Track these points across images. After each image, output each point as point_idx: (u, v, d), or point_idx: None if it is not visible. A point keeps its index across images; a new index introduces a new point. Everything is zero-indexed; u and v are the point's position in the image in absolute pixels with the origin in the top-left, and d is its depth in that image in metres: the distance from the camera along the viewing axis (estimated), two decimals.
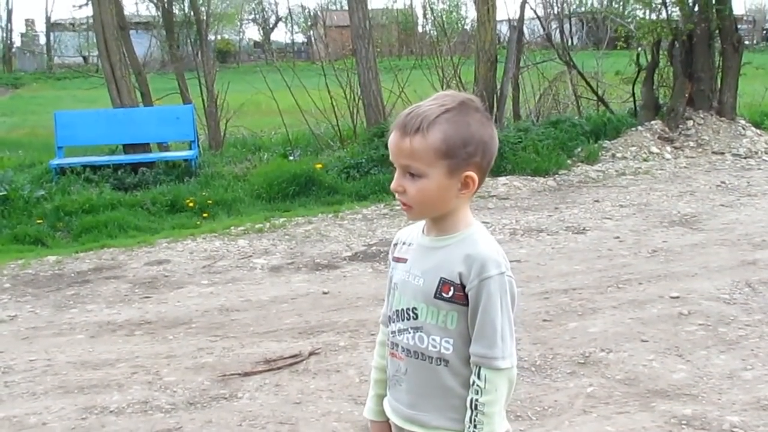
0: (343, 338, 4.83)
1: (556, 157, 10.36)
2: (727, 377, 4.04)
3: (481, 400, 1.81)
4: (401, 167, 1.84)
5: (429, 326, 1.87)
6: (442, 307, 1.85)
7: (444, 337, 1.86)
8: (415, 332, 1.89)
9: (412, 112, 1.83)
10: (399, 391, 1.95)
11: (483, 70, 11.30)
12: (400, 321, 1.93)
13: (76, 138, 10.91)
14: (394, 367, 1.96)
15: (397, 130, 1.84)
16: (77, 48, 46.52)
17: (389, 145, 1.86)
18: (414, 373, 1.91)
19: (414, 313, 1.89)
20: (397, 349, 1.94)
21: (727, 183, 9.22)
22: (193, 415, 3.91)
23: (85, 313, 5.60)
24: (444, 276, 1.85)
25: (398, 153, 1.83)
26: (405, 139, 1.81)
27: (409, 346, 1.91)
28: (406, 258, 1.95)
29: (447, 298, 1.84)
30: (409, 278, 1.91)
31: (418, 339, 1.89)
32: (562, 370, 4.22)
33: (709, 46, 11.71)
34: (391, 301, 1.99)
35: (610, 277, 5.83)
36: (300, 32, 54.27)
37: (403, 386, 1.94)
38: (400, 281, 1.94)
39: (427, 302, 1.87)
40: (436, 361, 1.87)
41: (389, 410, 2.01)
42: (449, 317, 1.85)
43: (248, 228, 7.85)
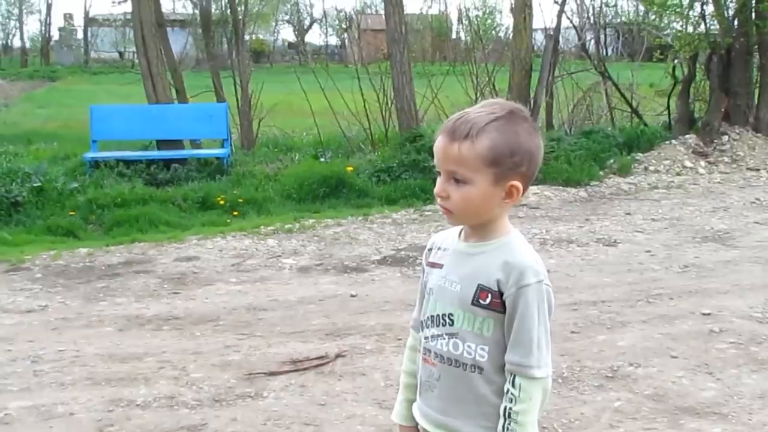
0: (370, 342, 4.83)
1: (588, 167, 10.29)
2: (758, 397, 3.98)
3: (515, 409, 1.80)
4: (446, 172, 1.83)
5: (465, 333, 1.86)
6: (479, 314, 1.84)
7: (479, 344, 1.85)
8: (450, 338, 1.88)
9: (462, 118, 1.81)
10: (431, 396, 1.94)
11: (517, 78, 11.25)
12: (435, 327, 1.92)
13: (111, 132, 11.03)
14: (427, 372, 1.95)
15: (444, 135, 1.82)
16: (114, 43, 47.07)
17: (435, 149, 1.85)
18: (447, 380, 1.90)
19: (450, 319, 1.88)
20: (430, 355, 1.93)
21: (761, 200, 9.10)
22: (218, 412, 3.92)
23: (114, 306, 5.64)
24: (482, 282, 1.84)
25: (445, 158, 1.82)
26: (453, 144, 1.80)
27: (443, 352, 1.89)
28: (441, 263, 1.94)
29: (484, 305, 1.83)
30: (446, 284, 1.90)
31: (453, 345, 1.88)
32: (589, 383, 4.18)
33: (746, 61, 11.60)
34: (425, 307, 1.97)
35: (640, 290, 5.77)
36: (334, 34, 54.44)
37: (435, 392, 1.92)
38: (436, 287, 1.93)
39: (464, 308, 1.86)
40: (471, 368, 1.86)
41: (419, 415, 1.99)
42: (485, 324, 1.84)
43: (278, 228, 7.88)
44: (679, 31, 13.15)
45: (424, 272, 2.02)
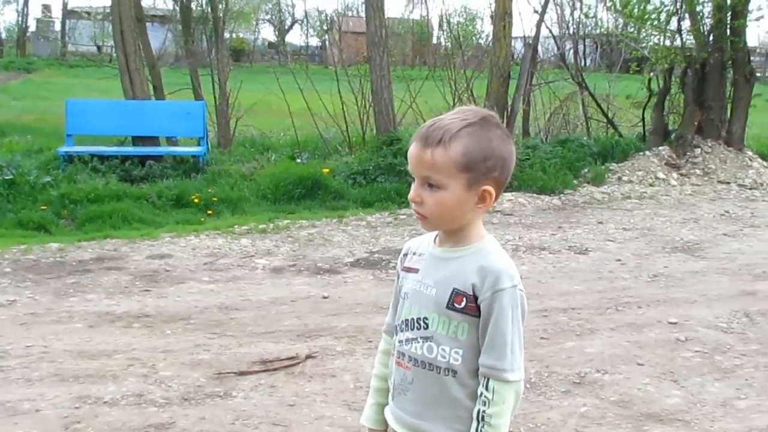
0: (341, 343, 4.84)
1: (562, 176, 10.38)
2: (720, 405, 4.05)
3: (489, 412, 1.82)
4: (420, 178, 1.85)
5: (439, 336, 1.88)
6: (454, 318, 1.86)
7: (454, 348, 1.87)
8: (425, 342, 1.90)
9: (435, 124, 1.84)
10: (404, 400, 1.96)
11: (495, 86, 11.33)
12: (409, 330, 1.93)
13: (86, 127, 10.96)
14: (400, 375, 1.96)
15: (418, 141, 1.84)
16: (92, 37, 46.66)
17: (409, 155, 1.87)
18: (421, 383, 1.91)
19: (425, 322, 1.90)
20: (404, 359, 1.95)
21: (731, 212, 9.24)
22: (187, 410, 3.92)
23: (85, 303, 5.61)
24: (457, 287, 1.86)
25: (418, 164, 1.84)
26: (426, 150, 1.82)
27: (417, 356, 1.91)
28: (417, 268, 1.96)
29: (459, 308, 1.85)
30: (421, 288, 1.92)
31: (427, 349, 1.89)
32: (556, 389, 4.23)
33: (721, 75, 11.76)
34: (399, 311, 1.99)
35: (609, 299, 5.84)
36: (315, 36, 54.37)
37: (409, 395, 1.94)
38: (411, 291, 1.95)
39: (439, 312, 1.88)
40: (444, 371, 1.88)
41: (392, 419, 2.01)
42: (460, 328, 1.86)
43: (252, 228, 7.87)
44: (656, 44, 13.30)
45: (399, 277, 2.03)
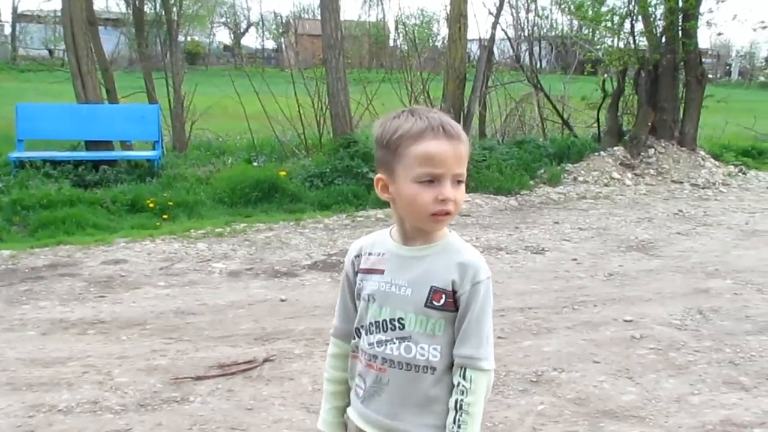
0: (299, 346, 4.82)
1: (519, 177, 10.47)
2: (674, 401, 4.11)
3: (467, 401, 1.84)
4: (453, 176, 1.83)
5: (417, 335, 1.87)
6: (432, 316, 1.86)
7: (432, 345, 1.87)
8: (402, 342, 1.88)
9: (446, 120, 1.83)
10: (378, 401, 1.93)
11: (451, 87, 11.39)
12: (382, 332, 1.91)
13: (38, 131, 10.76)
14: (372, 378, 1.94)
15: (449, 139, 1.81)
16: (43, 41, 45.93)
17: (438, 154, 1.81)
18: (397, 383, 1.90)
19: (400, 323, 1.88)
20: (376, 361, 1.92)
21: (684, 212, 9.39)
22: (143, 417, 3.87)
23: (38, 310, 5.52)
24: (435, 284, 1.86)
25: (455, 161, 1.82)
26: (459, 146, 1.82)
27: (393, 357, 1.89)
28: (381, 269, 1.93)
29: (438, 306, 1.86)
30: (392, 289, 1.90)
31: (405, 349, 1.88)
32: (514, 387, 4.26)
33: (673, 77, 11.96)
34: (363, 313, 1.96)
35: (566, 298, 5.89)
36: (271, 38, 54.17)
37: (384, 396, 1.92)
38: (380, 292, 1.92)
39: (417, 312, 1.87)
40: (423, 369, 1.88)
41: (362, 422, 1.97)
42: (438, 325, 1.87)
43: (208, 231, 7.81)
44: (610, 46, 13.50)
45: (354, 279, 2.00)
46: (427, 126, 1.81)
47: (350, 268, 2.01)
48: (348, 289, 2.02)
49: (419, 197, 1.82)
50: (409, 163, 1.82)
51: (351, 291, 2.02)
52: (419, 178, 1.81)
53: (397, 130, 1.84)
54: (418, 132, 1.81)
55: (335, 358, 2.08)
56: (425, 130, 1.81)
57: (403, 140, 1.82)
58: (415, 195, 1.82)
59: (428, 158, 1.80)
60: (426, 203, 1.81)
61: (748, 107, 18.12)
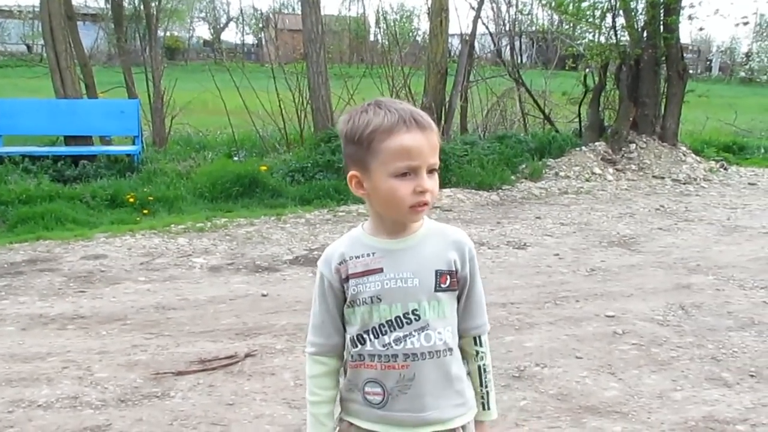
0: (280, 341, 4.79)
1: (500, 172, 10.47)
2: (657, 397, 4.11)
3: (487, 362, 2.01)
4: (428, 166, 1.81)
5: (432, 321, 1.88)
6: (442, 299, 1.89)
7: (446, 327, 1.90)
8: (421, 332, 1.87)
9: (414, 111, 1.83)
10: (404, 399, 1.89)
11: (433, 82, 11.38)
12: (398, 329, 1.87)
13: (17, 127, 10.67)
14: (394, 378, 1.88)
15: (418, 130, 1.79)
16: (21, 36, 45.51)
17: (410, 146, 1.78)
18: (423, 374, 1.88)
19: (415, 314, 1.87)
20: (397, 360, 1.88)
21: (665, 207, 9.42)
22: (123, 412, 3.83)
23: (17, 305, 5.46)
24: (439, 267, 1.89)
25: (430, 151, 1.81)
26: (431, 135, 1.82)
27: (415, 350, 1.87)
28: (380, 267, 1.88)
29: (445, 288, 1.90)
30: (399, 283, 1.87)
31: (425, 338, 1.87)
32: (496, 383, 4.19)
33: (655, 72, 11.98)
34: (366, 318, 1.89)
35: (548, 293, 5.89)
36: (251, 33, 53.92)
37: (411, 392, 1.88)
38: (385, 290, 1.87)
39: (429, 298, 1.87)
40: (444, 352, 1.90)
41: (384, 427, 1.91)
42: (446, 306, 1.91)
43: (189, 226, 7.76)
44: (592, 41, 13.52)
45: (344, 287, 1.91)
46: (398, 119, 1.79)
47: (335, 276, 1.91)
48: (333, 301, 1.92)
49: (398, 191, 1.80)
50: (384, 158, 1.79)
51: (337, 301, 1.92)
52: (397, 171, 1.79)
53: (368, 124, 1.80)
54: (390, 126, 1.78)
55: (324, 377, 1.97)
56: (397, 123, 1.78)
57: (377, 135, 1.79)
58: (393, 189, 1.80)
59: (404, 151, 1.78)
60: (404, 196, 1.80)
61: (728, 102, 18.23)
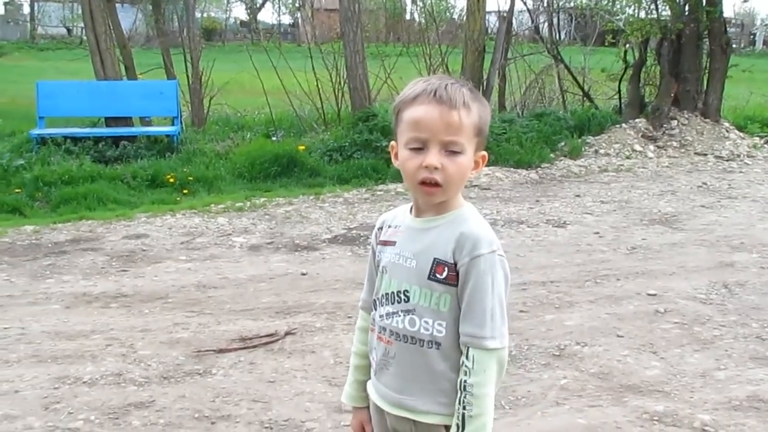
0: (320, 320, 4.82)
1: (539, 150, 10.39)
2: (700, 376, 4.07)
3: (470, 381, 1.77)
4: (441, 143, 1.76)
5: (421, 309, 1.83)
6: (436, 289, 1.81)
7: (437, 320, 1.82)
8: (406, 315, 1.85)
9: (446, 86, 1.76)
10: (387, 375, 1.91)
11: (470, 60, 11.28)
12: (390, 304, 1.88)
13: (58, 109, 10.78)
14: (381, 350, 1.91)
15: (438, 103, 1.75)
16: (61, 19, 46.04)
17: (425, 118, 1.76)
18: (403, 357, 1.86)
19: (405, 295, 1.85)
20: (385, 333, 1.90)
21: (708, 184, 9.28)
22: (166, 389, 3.88)
23: (61, 284, 5.55)
24: (437, 256, 1.81)
25: (445, 127, 1.75)
26: (453, 112, 1.74)
27: (398, 330, 1.86)
28: (394, 241, 1.91)
29: (441, 279, 1.81)
30: (400, 260, 1.87)
31: (409, 322, 1.84)
32: (536, 362, 4.23)
33: (697, 46, 11.76)
34: (378, 285, 1.94)
35: (588, 271, 5.85)
36: (287, 13, 53.89)
37: (391, 370, 1.89)
38: (390, 264, 1.90)
39: (420, 284, 1.83)
40: (428, 344, 1.83)
41: (375, 395, 1.96)
42: (442, 299, 1.81)
43: (228, 206, 7.82)
44: (632, 16, 13.32)
45: (375, 252, 1.99)
46: (422, 91, 1.78)
47: (374, 240, 2.00)
48: (373, 262, 2.00)
49: (407, 163, 1.79)
50: (402, 128, 1.81)
51: (375, 263, 1.99)
52: (409, 143, 1.79)
53: (401, 95, 1.83)
54: (413, 96, 1.79)
55: (361, 331, 2.07)
56: (420, 94, 1.78)
57: (401, 105, 1.82)
58: (405, 160, 1.80)
59: (414, 123, 1.77)
60: (412, 169, 1.78)
61: None
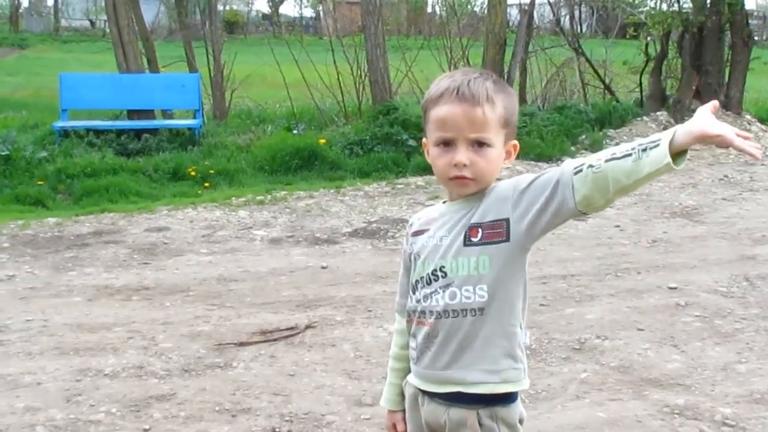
0: (340, 313, 4.84)
1: (560, 143, 10.34)
2: (721, 369, 4.05)
3: (594, 164, 1.82)
4: (468, 140, 1.81)
5: (460, 279, 1.84)
6: (473, 254, 1.83)
7: (477, 285, 1.83)
8: (445, 290, 1.86)
9: (469, 82, 1.81)
10: (430, 356, 1.90)
11: (491, 53, 11.24)
12: (426, 286, 1.89)
13: (81, 101, 10.87)
14: (422, 334, 1.91)
15: (461, 102, 1.80)
16: (85, 12, 46.39)
17: (449, 117, 1.81)
18: (446, 333, 1.87)
19: (442, 271, 1.87)
20: (425, 316, 1.90)
21: (729, 177, 9.21)
22: (187, 382, 3.92)
23: (83, 276, 5.60)
24: (472, 221, 1.84)
25: (470, 124, 1.80)
26: (477, 109, 1.80)
27: (439, 308, 1.87)
28: (428, 228, 1.94)
29: (476, 241, 1.83)
30: (434, 242, 1.90)
31: (449, 295, 1.86)
32: (557, 355, 4.23)
33: (719, 39, 11.66)
34: (412, 276, 1.95)
35: (608, 265, 5.83)
36: (309, 6, 53.95)
37: (434, 349, 1.89)
38: (422, 248, 1.92)
39: (456, 255, 1.85)
40: (471, 312, 1.84)
41: (419, 381, 1.95)
42: (480, 262, 1.83)
43: (249, 199, 7.85)
44: (653, 9, 13.19)
45: (407, 249, 2.00)
46: (445, 89, 1.83)
47: (406, 240, 2.03)
48: (409, 262, 2.00)
49: (437, 161, 1.86)
50: (430, 126, 1.88)
51: (407, 261, 2.01)
52: (437, 142, 1.85)
53: (428, 92, 1.89)
54: (437, 95, 1.85)
55: (397, 334, 2.08)
56: (443, 93, 1.83)
57: (428, 103, 1.88)
58: (435, 158, 1.87)
59: (440, 122, 1.84)
60: (442, 167, 1.85)
61: None
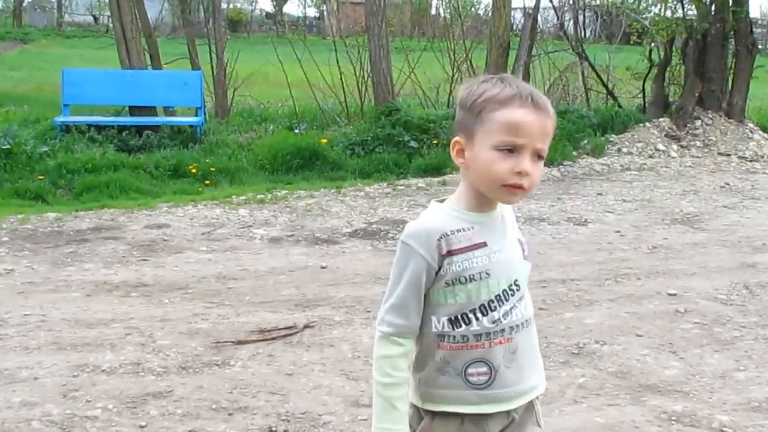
0: (339, 313, 4.83)
1: (562, 147, 10.33)
2: (719, 376, 4.04)
3: None
4: (534, 150, 1.77)
5: (525, 289, 1.90)
6: (528, 265, 1.93)
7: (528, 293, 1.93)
8: (520, 302, 1.89)
9: (535, 92, 1.79)
10: (508, 373, 1.86)
11: (495, 56, 11.24)
12: (505, 302, 1.85)
13: (83, 97, 10.87)
14: (502, 353, 1.85)
15: (536, 110, 1.77)
16: (88, 7, 46.42)
17: (524, 124, 1.75)
18: (522, 345, 1.89)
19: (516, 285, 1.88)
20: (504, 334, 1.85)
21: (731, 185, 9.20)
22: (184, 379, 3.91)
23: (82, 272, 5.59)
24: (518, 237, 1.93)
25: (540, 134, 1.77)
26: (548, 120, 1.79)
27: (519, 321, 1.87)
28: (483, 241, 1.84)
29: (527, 255, 1.93)
30: (502, 256, 1.86)
31: (524, 307, 1.89)
32: (555, 359, 4.22)
33: (722, 46, 11.65)
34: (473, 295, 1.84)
35: (608, 270, 5.82)
36: (312, 6, 53.95)
37: (513, 365, 1.87)
38: (492, 264, 1.83)
39: (522, 267, 1.90)
40: (532, 320, 1.92)
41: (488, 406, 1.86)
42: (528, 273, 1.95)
43: (250, 198, 7.84)
44: (657, 15, 13.19)
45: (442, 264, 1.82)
46: (515, 94, 1.77)
47: (434, 252, 1.81)
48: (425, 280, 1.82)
49: (495, 165, 1.76)
50: (491, 128, 1.77)
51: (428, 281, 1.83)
52: (499, 145, 1.76)
53: (484, 93, 1.79)
54: (505, 98, 1.77)
55: (400, 359, 1.86)
56: (513, 97, 1.76)
57: (488, 104, 1.78)
58: (491, 162, 1.77)
59: (512, 126, 1.75)
60: (501, 173, 1.76)
61: None
